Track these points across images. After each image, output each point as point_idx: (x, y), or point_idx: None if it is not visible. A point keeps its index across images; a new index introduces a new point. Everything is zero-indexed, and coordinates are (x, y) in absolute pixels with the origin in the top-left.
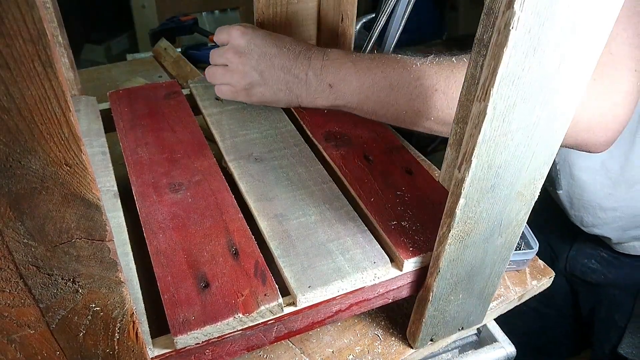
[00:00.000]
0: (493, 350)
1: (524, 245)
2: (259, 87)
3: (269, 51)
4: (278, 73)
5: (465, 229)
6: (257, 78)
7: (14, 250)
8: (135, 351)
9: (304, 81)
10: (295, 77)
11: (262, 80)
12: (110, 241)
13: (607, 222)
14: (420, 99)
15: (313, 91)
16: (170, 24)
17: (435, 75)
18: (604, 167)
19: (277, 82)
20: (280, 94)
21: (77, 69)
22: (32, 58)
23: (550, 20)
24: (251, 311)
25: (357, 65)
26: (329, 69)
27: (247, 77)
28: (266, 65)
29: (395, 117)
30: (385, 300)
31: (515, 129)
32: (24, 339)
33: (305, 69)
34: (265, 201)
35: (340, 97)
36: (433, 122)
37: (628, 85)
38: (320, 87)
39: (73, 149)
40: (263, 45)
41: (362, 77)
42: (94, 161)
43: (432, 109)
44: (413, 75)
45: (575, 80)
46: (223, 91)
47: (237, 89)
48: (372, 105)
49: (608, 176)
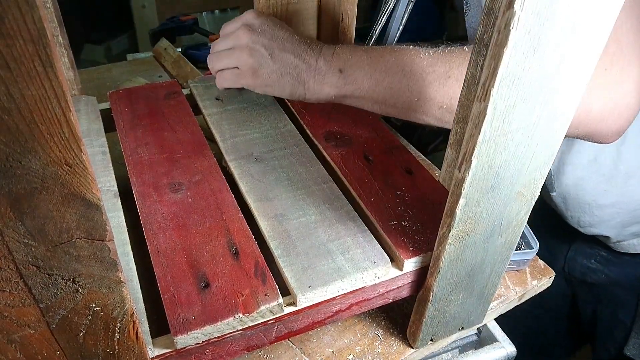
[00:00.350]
0: (493, 350)
1: (524, 245)
2: (267, 67)
3: (282, 34)
4: (288, 56)
5: (465, 229)
6: (266, 57)
7: (14, 250)
8: (135, 351)
9: (313, 67)
10: (305, 62)
11: (272, 60)
12: (110, 241)
13: (604, 219)
14: (433, 86)
15: (322, 77)
16: (170, 24)
17: (449, 62)
18: (596, 163)
19: (286, 65)
20: (287, 77)
21: (77, 69)
22: (32, 58)
23: (550, 20)
24: (251, 311)
25: (369, 52)
26: (340, 55)
27: (257, 54)
28: (277, 46)
29: (407, 105)
30: (385, 300)
31: (515, 129)
32: (24, 339)
33: (316, 55)
34: (265, 201)
35: (350, 82)
36: (445, 110)
37: (638, 73)
38: (330, 73)
39: (73, 148)
40: (276, 27)
41: (374, 61)
42: (94, 161)
43: (445, 97)
44: (426, 62)
45: (575, 80)
46: (226, 77)
47: (242, 70)
48: (382, 93)
49: (601, 172)
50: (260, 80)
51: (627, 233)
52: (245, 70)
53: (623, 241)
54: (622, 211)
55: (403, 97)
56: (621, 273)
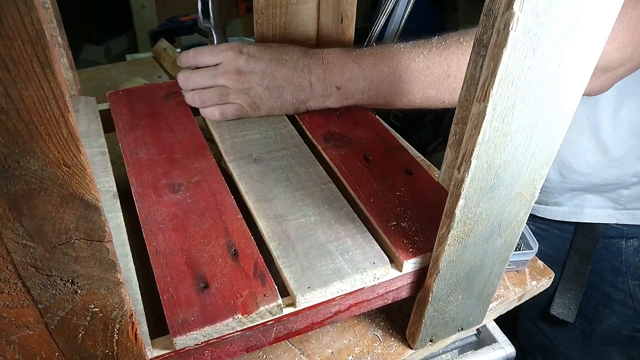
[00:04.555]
0: (493, 350)
1: (523, 246)
2: (267, 100)
3: (269, 66)
4: (282, 84)
5: (464, 229)
6: (263, 93)
7: (13, 251)
8: (134, 352)
9: (308, 88)
10: (299, 86)
11: (269, 94)
12: (109, 242)
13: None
14: (433, 87)
15: (320, 95)
16: (170, 24)
17: (446, 61)
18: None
19: (283, 94)
20: (287, 104)
21: (76, 69)
22: (31, 59)
23: (550, 21)
24: (250, 312)
25: (361, 63)
26: (332, 71)
27: (253, 93)
28: (270, 80)
29: (409, 105)
30: (384, 301)
31: (514, 130)
32: (23, 340)
33: (307, 76)
34: (264, 202)
35: (350, 97)
36: (447, 104)
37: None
38: (327, 91)
39: (72, 149)
40: (261, 61)
41: (368, 75)
42: (93, 162)
43: (446, 94)
44: (422, 65)
45: (575, 81)
46: (228, 111)
47: (244, 107)
48: (383, 99)
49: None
50: (263, 112)
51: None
52: (246, 106)
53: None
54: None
55: (404, 100)
56: (548, 246)
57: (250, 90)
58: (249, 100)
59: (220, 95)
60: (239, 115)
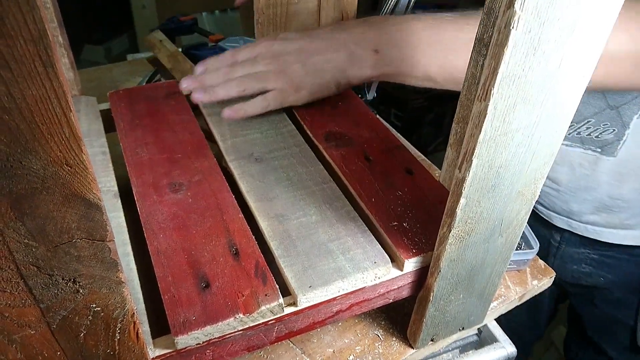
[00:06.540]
0: (494, 350)
1: (524, 245)
2: (307, 78)
3: (304, 43)
4: (318, 59)
5: (465, 228)
6: (301, 70)
7: (15, 250)
8: (135, 351)
9: (344, 53)
10: (335, 51)
11: (307, 71)
12: (110, 241)
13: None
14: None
15: (358, 61)
16: (170, 24)
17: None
18: None
19: (321, 68)
20: (327, 77)
21: (77, 69)
22: (33, 58)
23: (551, 20)
24: (252, 311)
25: (401, 28)
26: (368, 34)
27: (291, 73)
28: (306, 56)
29: (450, 80)
30: (385, 300)
31: (515, 129)
32: (25, 340)
33: (344, 40)
34: (265, 201)
35: (388, 62)
36: None
37: None
38: (365, 55)
39: (74, 149)
40: (295, 40)
41: (411, 40)
42: (94, 161)
43: None
44: (469, 37)
45: (576, 80)
46: (269, 98)
47: (285, 90)
48: (423, 70)
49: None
50: (305, 92)
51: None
52: (287, 89)
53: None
54: None
55: (446, 73)
56: (619, 273)
57: (288, 70)
58: (288, 82)
59: (259, 80)
60: (282, 102)
